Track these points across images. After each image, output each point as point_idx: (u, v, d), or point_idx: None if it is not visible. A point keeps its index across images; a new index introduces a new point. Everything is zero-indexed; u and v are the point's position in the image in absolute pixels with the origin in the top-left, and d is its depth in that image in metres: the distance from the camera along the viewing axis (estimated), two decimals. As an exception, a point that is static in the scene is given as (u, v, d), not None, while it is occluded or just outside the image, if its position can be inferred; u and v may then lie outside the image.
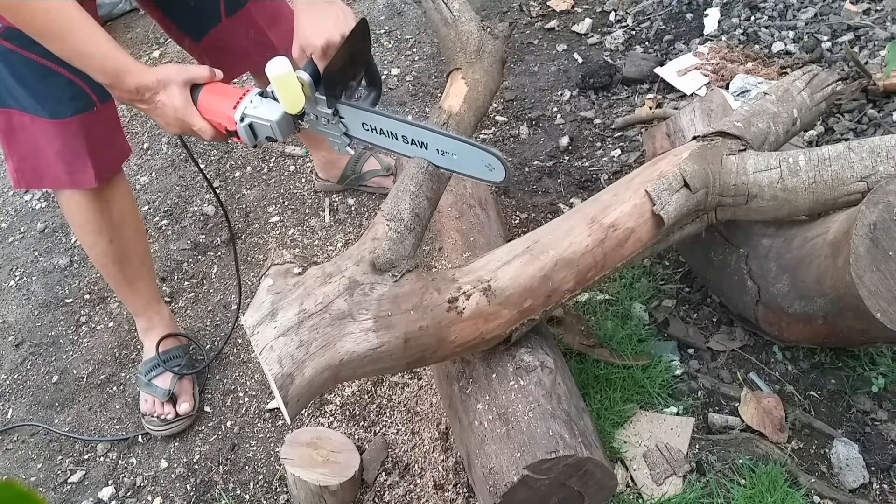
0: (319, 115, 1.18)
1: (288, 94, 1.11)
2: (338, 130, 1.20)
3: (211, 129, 1.18)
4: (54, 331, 1.90)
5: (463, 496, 1.35)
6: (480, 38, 1.45)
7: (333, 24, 1.13)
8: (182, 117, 1.16)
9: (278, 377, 0.94)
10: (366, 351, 1.00)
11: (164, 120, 1.19)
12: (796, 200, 1.17)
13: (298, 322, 0.98)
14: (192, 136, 1.21)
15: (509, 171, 1.13)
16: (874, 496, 1.25)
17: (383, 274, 1.05)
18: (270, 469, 1.50)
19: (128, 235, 1.53)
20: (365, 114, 1.16)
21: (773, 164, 1.17)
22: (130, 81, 1.12)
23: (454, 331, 1.06)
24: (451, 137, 1.15)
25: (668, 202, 1.14)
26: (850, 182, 1.14)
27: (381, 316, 1.01)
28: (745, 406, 1.37)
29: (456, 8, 1.53)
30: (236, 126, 1.17)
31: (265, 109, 1.16)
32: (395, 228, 1.10)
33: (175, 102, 1.15)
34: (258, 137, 1.19)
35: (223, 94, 1.18)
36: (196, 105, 1.18)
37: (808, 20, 2.11)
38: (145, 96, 1.15)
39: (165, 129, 1.22)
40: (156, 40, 2.97)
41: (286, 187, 2.15)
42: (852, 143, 1.16)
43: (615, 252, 1.14)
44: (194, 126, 1.18)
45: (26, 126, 1.32)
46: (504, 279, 1.08)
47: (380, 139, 1.19)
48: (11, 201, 2.37)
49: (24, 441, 1.67)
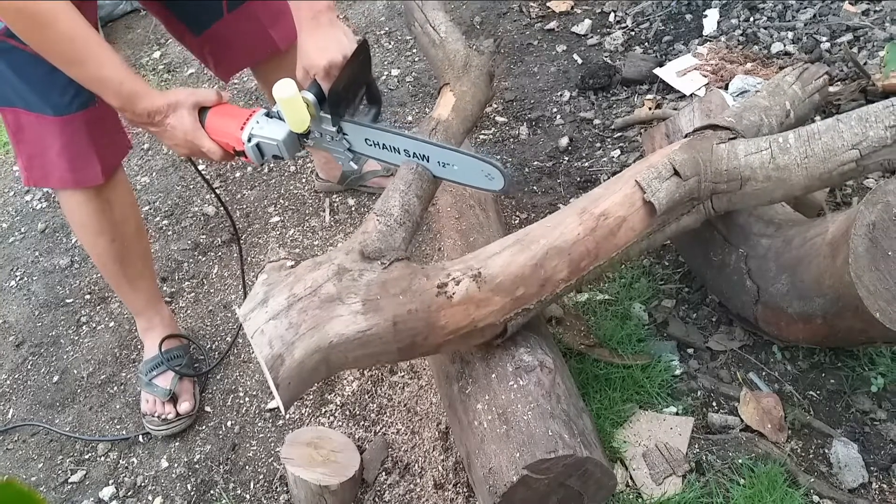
0: (324, 133, 1.22)
1: (294, 115, 1.15)
2: (342, 147, 1.24)
3: (219, 149, 1.23)
4: (55, 331, 1.91)
5: (463, 496, 1.35)
6: (466, 55, 1.52)
7: (336, 46, 1.18)
8: (191, 139, 1.21)
9: (268, 359, 0.96)
10: (355, 333, 1.01)
11: (173, 142, 1.23)
12: (790, 178, 1.16)
13: (288, 305, 1.00)
14: (201, 157, 1.26)
15: (508, 179, 1.17)
16: (873, 496, 1.25)
17: (372, 262, 1.08)
18: (271, 469, 1.51)
19: (129, 235, 1.53)
20: (368, 130, 1.21)
21: (764, 146, 1.17)
22: (142, 105, 1.17)
23: (444, 315, 1.06)
24: (451, 150, 1.19)
25: (658, 189, 1.15)
26: (841, 152, 1.12)
27: (370, 299, 1.03)
28: (745, 406, 1.38)
29: (443, 31, 1.61)
30: (244, 146, 1.21)
31: (271, 129, 1.21)
32: (384, 222, 1.14)
33: (184, 125, 1.20)
34: (265, 156, 1.24)
35: (230, 116, 1.23)
36: (204, 127, 1.22)
37: (807, 21, 2.12)
38: (155, 119, 1.19)
39: (175, 151, 1.27)
40: (156, 41, 2.97)
41: (286, 188, 2.16)
42: (840, 116, 1.15)
43: (608, 241, 1.14)
44: (203, 147, 1.22)
45: (32, 125, 1.33)
46: (494, 267, 1.09)
47: (383, 153, 1.24)
48: (12, 201, 2.38)
49: (24, 441, 1.68)
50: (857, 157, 1.12)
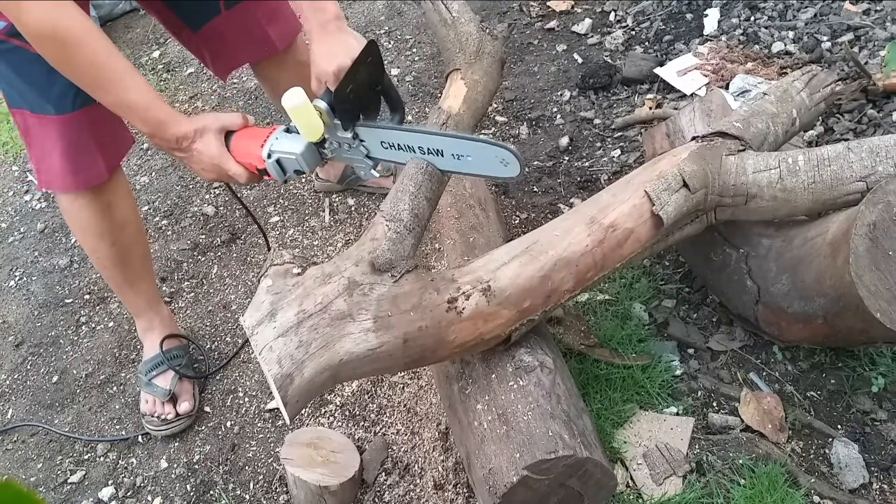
0: (341, 142, 1.21)
1: (306, 123, 1.14)
2: (360, 154, 1.23)
3: (245, 171, 1.22)
4: (54, 331, 1.91)
5: (463, 496, 1.35)
6: (479, 39, 1.46)
7: (344, 50, 1.17)
8: (218, 164, 1.20)
9: (278, 377, 0.94)
10: (365, 351, 1.00)
11: (200, 166, 1.23)
12: (795, 200, 1.17)
13: (298, 322, 0.98)
14: (228, 181, 1.25)
15: (523, 165, 1.13)
16: (874, 496, 1.25)
17: (382, 274, 1.05)
18: (270, 469, 1.50)
19: (128, 238, 1.53)
20: (381, 132, 1.18)
21: (773, 165, 1.17)
22: (171, 133, 1.17)
23: (453, 331, 1.06)
24: (466, 139, 1.15)
25: (667, 202, 1.14)
26: (849, 182, 1.14)
27: (381, 316, 1.01)
28: (745, 406, 1.37)
29: (455, 9, 1.54)
30: (265, 163, 1.20)
31: (290, 143, 1.20)
32: (394, 229, 1.10)
33: (211, 150, 1.19)
34: (287, 172, 1.23)
35: (252, 137, 1.22)
36: (230, 150, 1.22)
37: (807, 20, 2.11)
38: (183, 145, 1.19)
39: (201, 175, 1.26)
40: (156, 40, 2.97)
41: (286, 187, 2.16)
42: (851, 144, 1.16)
43: (614, 252, 1.14)
44: (230, 171, 1.21)
45: (36, 127, 1.34)
46: (503, 279, 1.08)
47: (399, 155, 1.22)
48: (11, 201, 2.37)
49: (24, 441, 1.67)
50: (864, 188, 1.13)
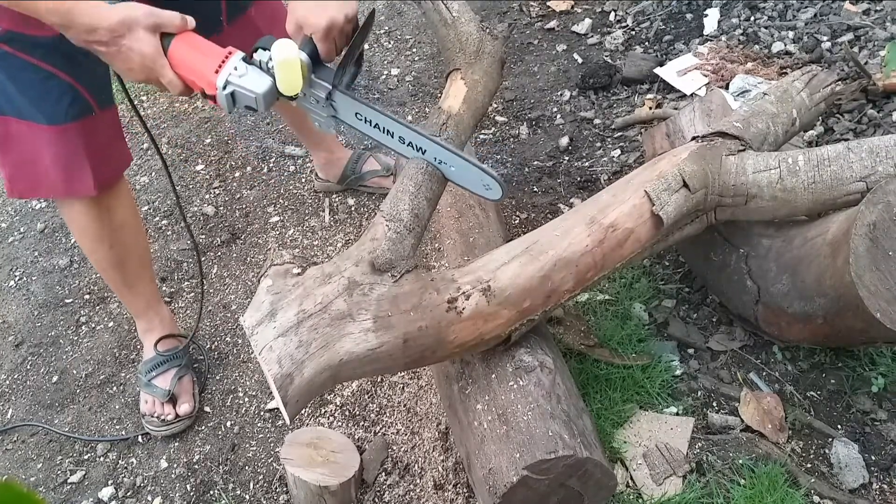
0: (310, 95, 1.14)
1: (288, 77, 1.07)
2: (325, 112, 1.17)
3: (181, 84, 1.08)
4: (54, 331, 1.90)
5: (463, 496, 1.35)
6: (480, 39, 1.45)
7: (337, 5, 1.08)
8: (150, 66, 1.05)
9: (277, 377, 0.94)
10: (365, 351, 1.00)
11: (126, 65, 1.06)
12: (795, 201, 1.17)
13: (298, 322, 0.98)
14: (156, 86, 1.10)
15: (505, 191, 1.13)
16: (874, 496, 1.25)
17: (382, 274, 1.05)
18: (270, 469, 1.50)
19: (128, 240, 1.52)
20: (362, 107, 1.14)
21: (773, 165, 1.17)
22: (85, 22, 0.99)
23: (453, 331, 1.06)
24: (451, 151, 1.15)
25: (667, 202, 1.14)
26: (849, 182, 1.14)
27: (381, 316, 1.01)
28: (745, 406, 1.37)
29: (455, 8, 1.53)
30: (216, 91, 1.08)
31: (252, 80, 1.09)
32: (394, 229, 1.10)
33: (143, 49, 1.03)
34: (237, 105, 1.11)
35: (202, 53, 1.09)
36: (166, 55, 1.06)
37: (807, 20, 2.11)
38: (105, 38, 1.01)
39: (126, 76, 1.10)
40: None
41: (286, 187, 2.15)
42: (851, 144, 1.16)
43: (614, 252, 1.14)
44: (163, 78, 1.07)
45: (23, 134, 1.28)
46: (503, 279, 1.08)
47: (374, 132, 1.17)
48: (11, 201, 2.37)
49: (23, 441, 1.67)
50: (864, 188, 1.13)
